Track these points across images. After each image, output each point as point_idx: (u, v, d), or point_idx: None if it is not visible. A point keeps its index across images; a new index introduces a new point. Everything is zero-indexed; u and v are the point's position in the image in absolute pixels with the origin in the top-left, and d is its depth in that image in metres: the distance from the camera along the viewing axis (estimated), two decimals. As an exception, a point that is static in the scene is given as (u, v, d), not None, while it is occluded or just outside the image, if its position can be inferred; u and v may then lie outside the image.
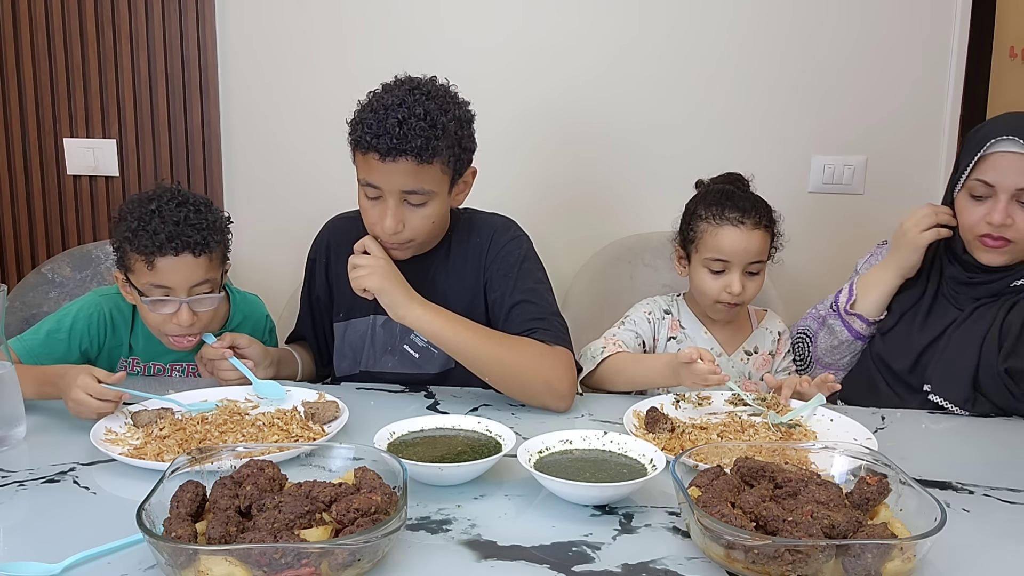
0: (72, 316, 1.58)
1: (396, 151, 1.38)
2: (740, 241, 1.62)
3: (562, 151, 2.32)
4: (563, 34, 2.26)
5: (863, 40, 2.23)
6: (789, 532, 0.88)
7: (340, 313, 1.65)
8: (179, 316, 1.48)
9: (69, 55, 2.30)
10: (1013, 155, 1.45)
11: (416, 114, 1.39)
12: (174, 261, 1.45)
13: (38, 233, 2.40)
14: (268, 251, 2.38)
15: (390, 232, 1.45)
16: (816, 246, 2.33)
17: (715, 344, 1.73)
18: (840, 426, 1.35)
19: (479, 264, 1.57)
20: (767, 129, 2.29)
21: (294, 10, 2.27)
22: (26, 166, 2.36)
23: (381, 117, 1.39)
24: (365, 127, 1.40)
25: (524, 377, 1.41)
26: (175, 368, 1.65)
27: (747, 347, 1.75)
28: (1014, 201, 1.46)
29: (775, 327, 1.78)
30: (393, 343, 1.61)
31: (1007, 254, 1.50)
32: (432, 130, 1.39)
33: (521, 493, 1.11)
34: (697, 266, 1.68)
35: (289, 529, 0.87)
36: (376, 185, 1.43)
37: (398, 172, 1.41)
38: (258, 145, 2.35)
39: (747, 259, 1.63)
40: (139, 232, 1.44)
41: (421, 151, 1.38)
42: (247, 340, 1.53)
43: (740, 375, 1.72)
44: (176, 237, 1.44)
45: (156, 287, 1.46)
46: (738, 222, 1.63)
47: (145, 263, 1.45)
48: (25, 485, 1.13)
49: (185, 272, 1.46)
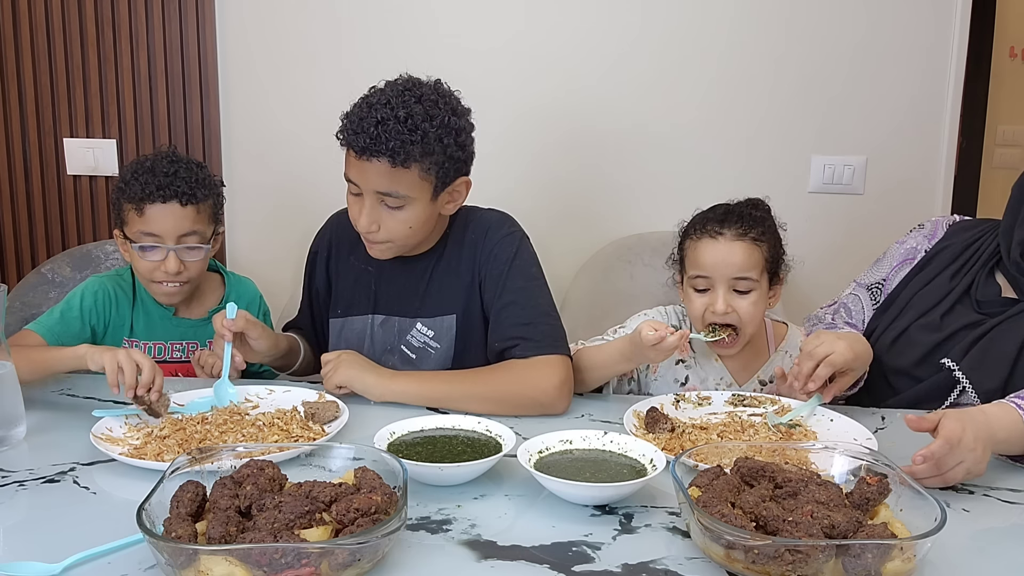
0: (80, 295, 1.65)
1: (369, 151, 1.38)
2: (719, 253, 1.51)
3: (562, 151, 2.32)
4: (564, 34, 2.26)
5: (863, 41, 2.23)
6: (789, 532, 0.88)
7: (338, 309, 1.65)
8: (167, 263, 1.58)
9: (69, 55, 2.30)
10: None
11: (397, 116, 1.37)
12: (162, 209, 1.57)
13: (38, 233, 2.40)
14: (268, 251, 2.38)
15: (364, 230, 1.47)
16: (816, 246, 2.33)
17: (725, 373, 1.60)
18: (840, 426, 1.35)
19: (473, 261, 1.57)
20: (767, 129, 2.29)
21: (294, 10, 2.27)
22: (26, 166, 2.36)
23: (363, 115, 1.39)
24: (348, 122, 1.41)
25: (509, 403, 1.41)
26: (175, 347, 1.68)
27: (762, 376, 1.61)
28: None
29: (795, 349, 1.59)
30: (392, 343, 1.61)
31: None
32: (410, 135, 1.37)
33: (521, 493, 1.11)
34: (686, 288, 1.57)
35: (289, 529, 0.87)
36: (353, 181, 1.44)
37: (373, 172, 1.40)
38: (258, 145, 2.35)
39: (729, 273, 1.50)
40: (131, 182, 1.58)
41: (394, 154, 1.37)
42: (259, 331, 1.50)
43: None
44: (165, 187, 1.56)
45: (146, 235, 1.58)
46: (716, 233, 1.52)
47: (136, 210, 1.57)
48: (25, 485, 1.13)
49: (172, 220, 1.57)
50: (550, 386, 1.42)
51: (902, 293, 1.61)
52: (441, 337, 1.58)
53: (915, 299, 1.58)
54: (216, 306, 1.72)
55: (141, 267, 1.61)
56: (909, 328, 1.55)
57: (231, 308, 1.47)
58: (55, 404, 1.44)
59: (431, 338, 1.58)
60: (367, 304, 1.61)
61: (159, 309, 1.71)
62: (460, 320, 1.57)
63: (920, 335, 1.53)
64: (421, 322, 1.58)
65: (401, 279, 1.60)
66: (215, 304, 1.73)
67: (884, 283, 1.66)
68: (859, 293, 1.69)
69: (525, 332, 1.48)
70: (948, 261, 1.59)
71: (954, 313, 1.52)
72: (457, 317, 1.57)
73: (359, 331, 1.62)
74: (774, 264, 1.57)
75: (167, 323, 1.71)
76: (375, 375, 1.45)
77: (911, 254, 1.66)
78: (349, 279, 1.64)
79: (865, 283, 1.70)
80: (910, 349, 1.52)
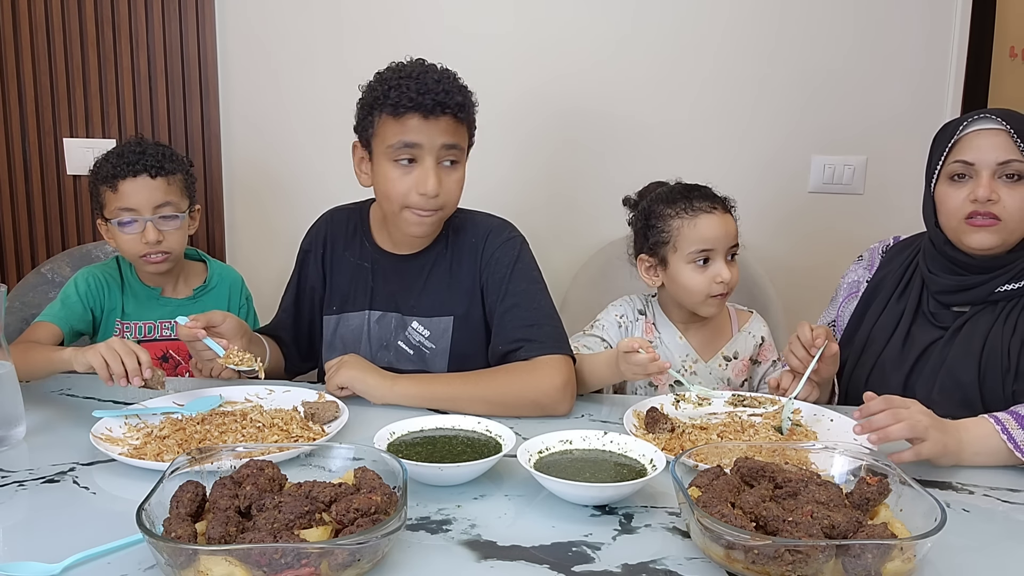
0: (74, 284, 1.75)
1: (440, 106, 1.42)
2: (719, 226, 1.63)
3: (561, 151, 2.32)
4: (563, 33, 2.26)
5: (863, 40, 2.23)
6: (789, 532, 0.88)
7: (333, 306, 1.65)
8: (146, 234, 1.67)
9: (69, 55, 2.30)
10: (990, 131, 1.42)
11: (449, 75, 1.46)
12: (134, 183, 1.67)
13: (38, 233, 2.40)
14: (267, 250, 2.38)
15: (432, 192, 1.45)
16: (816, 246, 2.33)
17: (690, 351, 1.71)
18: (840, 426, 1.35)
19: (474, 266, 1.58)
20: (767, 129, 2.29)
21: (294, 10, 2.27)
22: (26, 166, 2.36)
23: (418, 78, 1.43)
24: (403, 89, 1.42)
25: (511, 405, 1.41)
26: (163, 325, 1.77)
27: (726, 352, 1.72)
28: (996, 178, 1.41)
29: (759, 331, 1.75)
30: (388, 339, 1.61)
31: (996, 234, 1.42)
32: (465, 90, 1.47)
33: (521, 493, 1.11)
34: (679, 265, 1.64)
35: (289, 529, 0.87)
36: (415, 143, 1.44)
37: (439, 129, 1.44)
38: (258, 145, 2.35)
39: (728, 243, 1.63)
40: (103, 165, 1.69)
41: (460, 108, 1.45)
42: (221, 316, 1.49)
43: (718, 381, 1.70)
44: (134, 163, 1.67)
45: (123, 210, 1.67)
46: (711, 208, 1.63)
47: (111, 189, 1.67)
48: (25, 485, 1.13)
49: (145, 192, 1.67)
50: (552, 387, 1.42)
51: (860, 329, 1.62)
52: (437, 338, 1.58)
53: (874, 331, 1.59)
54: (200, 284, 1.83)
55: (124, 244, 1.70)
56: (877, 363, 1.56)
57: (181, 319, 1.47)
58: (55, 404, 1.44)
59: (427, 338, 1.58)
60: (364, 300, 1.61)
61: (146, 290, 1.79)
62: (458, 323, 1.58)
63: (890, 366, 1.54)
64: (417, 321, 1.59)
65: (398, 276, 1.60)
66: (199, 284, 1.84)
67: (836, 321, 1.69)
68: None
69: (528, 334, 1.49)
70: (892, 287, 1.60)
71: (912, 337, 1.53)
72: (455, 319, 1.58)
73: (355, 327, 1.62)
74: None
75: (154, 303, 1.80)
76: (378, 377, 1.45)
77: (854, 287, 1.68)
78: (345, 275, 1.64)
79: (824, 322, 1.70)
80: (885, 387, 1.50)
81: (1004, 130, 1.40)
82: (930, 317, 1.53)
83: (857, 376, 1.59)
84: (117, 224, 1.68)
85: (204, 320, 1.46)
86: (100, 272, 1.78)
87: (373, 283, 1.61)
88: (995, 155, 1.41)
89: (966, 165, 1.44)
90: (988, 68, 3.30)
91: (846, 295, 1.69)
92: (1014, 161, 1.40)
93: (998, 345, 1.43)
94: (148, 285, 1.79)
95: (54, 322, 1.68)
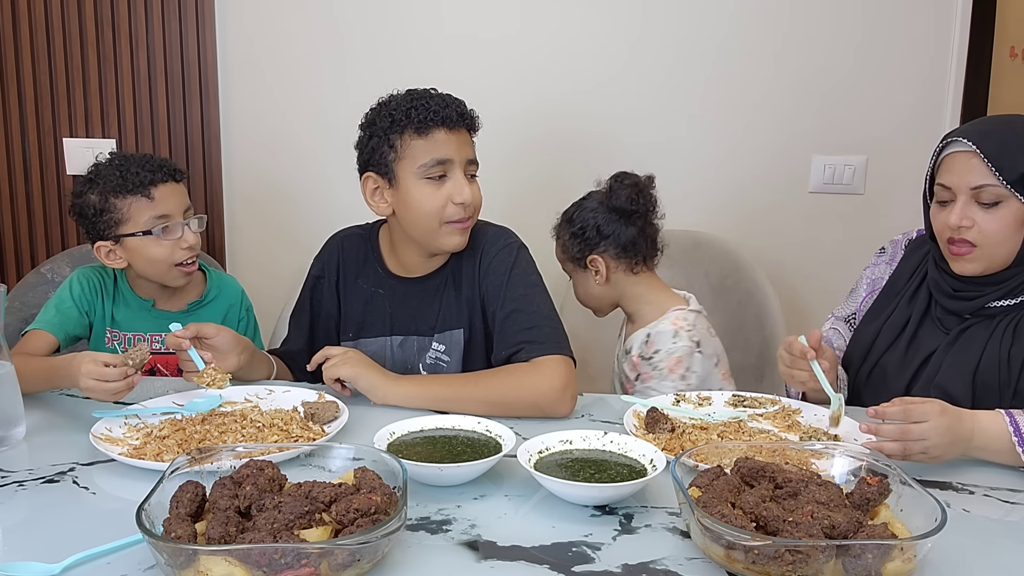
0: (68, 287, 1.70)
1: (461, 117, 1.49)
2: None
3: (561, 152, 2.32)
4: (561, 35, 2.26)
5: (864, 40, 2.23)
6: (789, 532, 0.88)
7: (349, 333, 1.65)
8: (186, 237, 1.63)
9: (69, 55, 2.30)
10: (963, 154, 1.38)
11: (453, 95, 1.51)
12: (165, 188, 1.62)
13: (38, 233, 2.40)
14: (268, 251, 2.38)
15: (468, 200, 1.49)
16: (816, 246, 2.33)
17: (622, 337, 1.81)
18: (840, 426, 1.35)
19: (473, 275, 1.58)
20: (767, 129, 2.29)
21: (294, 10, 2.27)
22: (26, 166, 2.36)
23: (432, 96, 1.49)
24: (428, 106, 1.46)
25: (513, 407, 1.40)
26: (155, 338, 1.70)
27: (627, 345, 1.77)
28: (972, 202, 1.37)
29: (668, 329, 1.71)
30: (411, 362, 1.61)
31: (974, 262, 1.39)
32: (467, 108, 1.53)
33: (521, 493, 1.11)
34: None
35: (289, 529, 0.87)
36: (447, 159, 1.48)
37: (462, 141, 1.51)
38: (258, 145, 2.35)
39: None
40: (125, 175, 1.59)
41: (473, 121, 1.53)
42: (215, 329, 1.48)
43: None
44: (157, 169, 1.62)
45: (159, 217, 1.61)
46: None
47: (144, 197, 1.60)
48: (25, 485, 1.13)
49: (176, 196, 1.64)
50: (551, 389, 1.41)
51: (870, 326, 1.59)
52: (452, 351, 1.59)
53: (883, 329, 1.56)
54: (196, 299, 1.76)
55: (160, 254, 1.63)
56: (879, 363, 1.54)
57: (173, 326, 1.46)
58: (55, 404, 1.44)
59: (442, 352, 1.59)
60: (383, 326, 1.62)
61: (138, 300, 1.73)
62: (467, 334, 1.59)
63: (892, 370, 1.52)
64: (436, 339, 1.60)
65: (415, 299, 1.60)
66: (195, 298, 1.76)
67: (856, 316, 1.66)
68: (839, 327, 1.67)
69: (529, 336, 1.49)
70: (903, 284, 1.57)
71: (918, 340, 1.51)
72: (464, 331, 1.59)
73: (375, 353, 1.61)
74: None
75: (146, 315, 1.73)
76: (380, 376, 1.45)
77: (877, 284, 1.64)
78: (359, 303, 1.64)
79: (842, 316, 1.68)
80: (885, 390, 1.50)
81: (975, 153, 1.36)
82: (938, 323, 1.50)
83: (861, 374, 1.57)
84: (157, 232, 1.60)
85: (194, 330, 1.45)
86: (94, 275, 1.72)
87: (391, 309, 1.61)
88: (968, 179, 1.37)
89: (944, 189, 1.41)
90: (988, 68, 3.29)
91: (867, 292, 1.65)
92: (988, 187, 1.35)
93: (995, 356, 1.40)
94: (140, 296, 1.73)
95: (48, 330, 1.62)
